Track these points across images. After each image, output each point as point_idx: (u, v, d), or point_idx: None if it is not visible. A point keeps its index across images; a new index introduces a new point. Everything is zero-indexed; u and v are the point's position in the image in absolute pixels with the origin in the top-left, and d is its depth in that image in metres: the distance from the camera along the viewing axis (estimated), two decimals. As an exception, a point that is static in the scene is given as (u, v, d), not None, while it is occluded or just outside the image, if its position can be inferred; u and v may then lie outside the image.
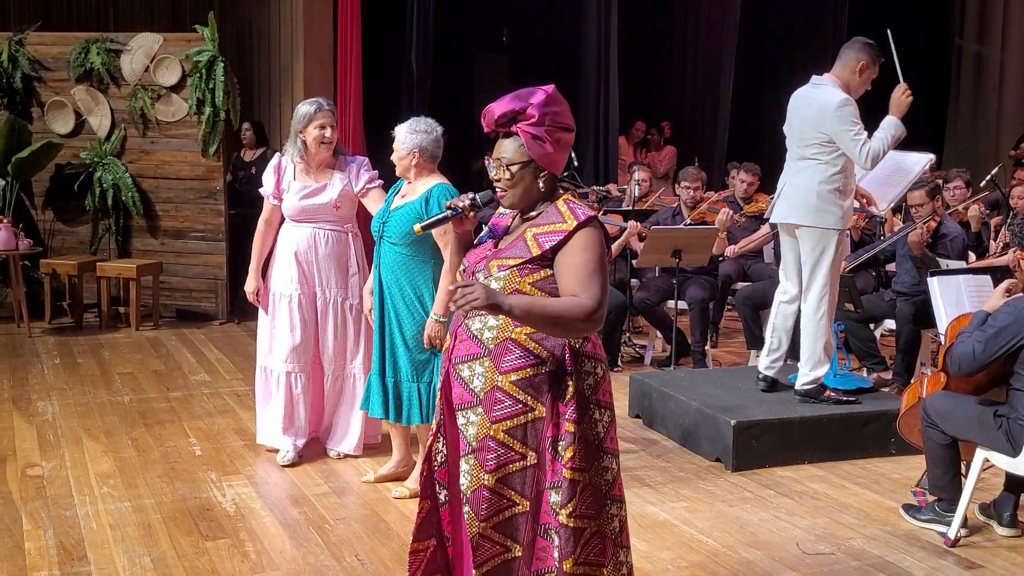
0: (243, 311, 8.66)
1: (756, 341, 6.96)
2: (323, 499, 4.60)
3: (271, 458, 5.11)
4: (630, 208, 8.17)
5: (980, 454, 4.20)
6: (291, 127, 4.99)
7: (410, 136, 4.45)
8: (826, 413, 5.31)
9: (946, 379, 4.40)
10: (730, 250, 7.46)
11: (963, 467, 4.37)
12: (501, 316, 2.69)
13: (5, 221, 7.66)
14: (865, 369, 6.51)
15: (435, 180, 4.47)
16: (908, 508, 4.51)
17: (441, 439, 2.87)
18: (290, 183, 5.01)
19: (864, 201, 5.88)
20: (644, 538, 4.21)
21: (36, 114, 8.49)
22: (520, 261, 2.72)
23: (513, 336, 2.72)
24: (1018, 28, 12.78)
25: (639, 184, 8.52)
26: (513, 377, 2.71)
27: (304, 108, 4.94)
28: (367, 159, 5.14)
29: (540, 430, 2.72)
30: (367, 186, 5.01)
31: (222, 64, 8.17)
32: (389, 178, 4.84)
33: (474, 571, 2.78)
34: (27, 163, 8.15)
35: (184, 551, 3.98)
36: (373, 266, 4.63)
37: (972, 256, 6.95)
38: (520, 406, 2.71)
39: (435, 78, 10.55)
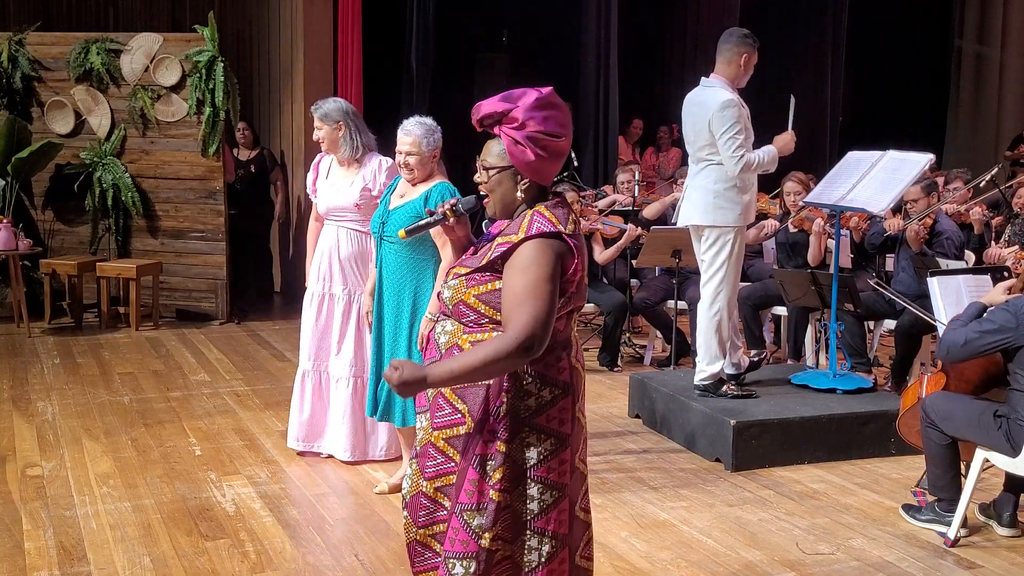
0: (243, 311, 8.67)
1: (756, 341, 6.98)
2: (323, 499, 4.60)
3: (271, 458, 5.11)
4: (630, 209, 8.18)
5: (980, 454, 4.20)
6: None
7: (429, 137, 4.39)
8: (826, 413, 5.31)
9: (946, 380, 4.40)
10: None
11: (963, 467, 4.37)
12: (456, 323, 2.61)
13: (5, 221, 7.66)
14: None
15: (435, 179, 4.45)
16: (908, 508, 4.51)
17: None
18: (324, 181, 5.07)
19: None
20: (644, 538, 4.22)
21: (36, 114, 8.49)
22: (469, 271, 2.59)
23: (459, 343, 2.59)
24: (1018, 28, 12.79)
25: (625, 185, 8.51)
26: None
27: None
28: (386, 160, 5.00)
29: (469, 446, 2.57)
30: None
31: (222, 64, 8.17)
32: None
33: None
34: (27, 163, 8.15)
35: (184, 551, 3.98)
36: (375, 266, 4.58)
37: (972, 256, 6.95)
38: (458, 415, 2.59)
39: (435, 78, 10.54)
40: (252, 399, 6.21)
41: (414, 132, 4.39)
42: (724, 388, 5.47)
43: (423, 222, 2.78)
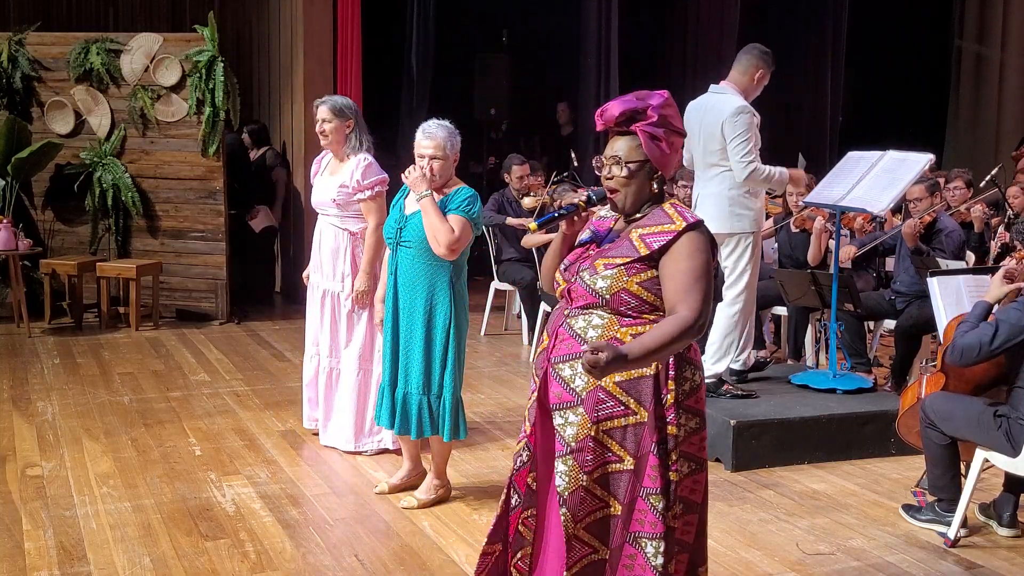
0: (243, 311, 8.67)
1: (756, 341, 6.98)
2: (323, 499, 4.60)
3: (271, 458, 5.11)
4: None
5: (980, 454, 4.20)
6: None
7: (452, 140, 4.27)
8: (826, 413, 5.31)
9: (945, 379, 4.40)
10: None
11: (963, 467, 4.37)
12: (606, 315, 2.70)
13: (5, 221, 7.65)
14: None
15: (454, 184, 4.32)
16: (908, 508, 4.51)
17: (526, 442, 2.84)
18: (319, 177, 5.18)
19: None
20: (644, 538, 4.21)
21: (36, 114, 8.49)
22: (628, 260, 2.70)
23: (617, 336, 2.70)
24: (1018, 28, 12.78)
25: None
26: (617, 378, 2.69)
27: None
28: (366, 158, 5.04)
29: (641, 435, 2.71)
30: (363, 194, 4.97)
31: (222, 64, 8.16)
32: (396, 182, 4.81)
33: (565, 572, 2.78)
34: (27, 163, 8.14)
35: (184, 551, 3.98)
36: (388, 272, 4.45)
37: (972, 256, 6.95)
38: (622, 408, 2.70)
39: (435, 78, 10.54)
40: (252, 399, 6.22)
41: (438, 135, 4.23)
42: (724, 388, 5.48)
43: (557, 213, 2.85)
